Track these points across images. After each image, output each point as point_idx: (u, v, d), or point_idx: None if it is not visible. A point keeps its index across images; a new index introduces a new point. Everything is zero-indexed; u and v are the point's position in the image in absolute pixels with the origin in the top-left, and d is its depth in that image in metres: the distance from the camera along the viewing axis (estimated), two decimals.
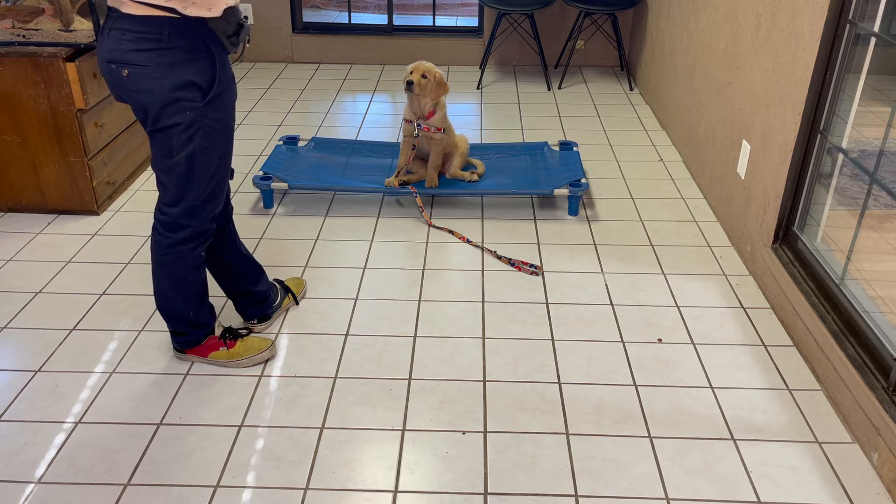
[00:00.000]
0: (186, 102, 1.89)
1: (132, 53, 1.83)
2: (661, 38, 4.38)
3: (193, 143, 1.95)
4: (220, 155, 2.04)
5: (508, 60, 5.40)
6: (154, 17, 1.80)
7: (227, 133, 2.04)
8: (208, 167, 2.01)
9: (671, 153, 3.94)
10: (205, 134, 1.96)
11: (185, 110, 1.90)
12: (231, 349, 2.28)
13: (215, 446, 2.02)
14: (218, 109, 1.97)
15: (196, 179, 2.00)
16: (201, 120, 1.93)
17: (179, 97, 1.87)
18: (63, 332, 2.47)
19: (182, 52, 1.85)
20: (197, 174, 2.00)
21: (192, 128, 1.92)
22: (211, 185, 2.04)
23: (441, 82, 3.20)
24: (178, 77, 1.86)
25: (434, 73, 3.18)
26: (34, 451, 2.00)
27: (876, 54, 2.25)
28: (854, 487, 1.92)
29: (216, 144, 2.01)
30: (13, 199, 3.18)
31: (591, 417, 2.14)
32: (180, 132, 1.92)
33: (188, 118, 1.91)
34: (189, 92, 1.88)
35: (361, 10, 7.13)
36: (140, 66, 1.84)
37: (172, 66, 1.85)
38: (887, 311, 2.15)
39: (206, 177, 2.02)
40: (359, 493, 1.89)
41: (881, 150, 2.21)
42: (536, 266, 2.86)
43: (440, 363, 2.35)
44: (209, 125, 1.96)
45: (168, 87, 1.86)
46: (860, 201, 2.28)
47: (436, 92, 3.21)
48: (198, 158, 1.97)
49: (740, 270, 2.87)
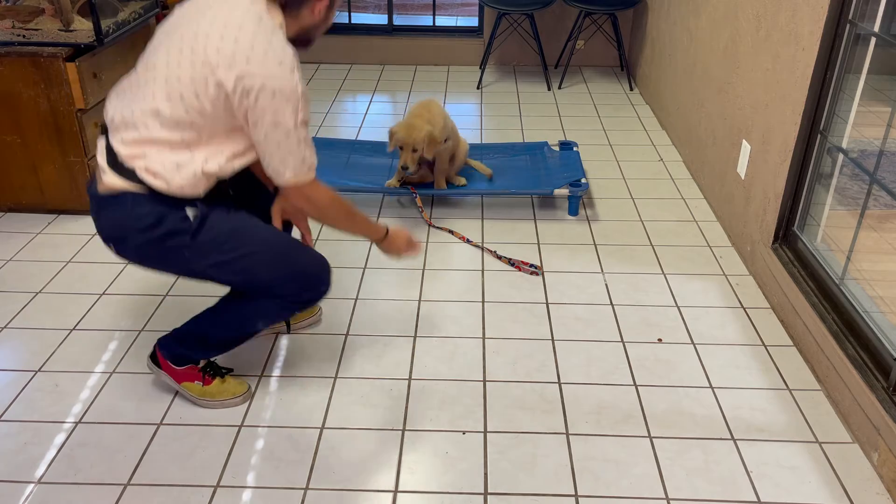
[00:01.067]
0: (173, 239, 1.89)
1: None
2: (661, 38, 4.38)
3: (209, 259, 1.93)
4: (255, 250, 1.96)
5: (508, 60, 5.40)
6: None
7: (243, 231, 1.97)
8: (253, 266, 1.95)
9: (671, 153, 3.94)
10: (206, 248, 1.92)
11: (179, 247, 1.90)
12: (206, 386, 2.15)
13: (215, 446, 2.02)
14: (209, 229, 1.92)
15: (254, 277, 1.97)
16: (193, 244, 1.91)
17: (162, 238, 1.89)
18: (63, 332, 2.47)
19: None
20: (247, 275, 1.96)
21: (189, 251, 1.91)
22: (278, 273, 1.97)
23: (432, 141, 3.04)
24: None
25: (423, 139, 3.02)
26: (34, 451, 2.00)
27: (876, 54, 2.25)
28: (854, 487, 1.92)
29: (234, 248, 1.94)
30: (13, 199, 3.18)
31: (591, 417, 2.14)
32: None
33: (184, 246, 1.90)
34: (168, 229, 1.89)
35: (361, 10, 7.13)
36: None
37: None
38: (887, 311, 2.15)
39: (260, 273, 1.96)
40: (359, 493, 1.89)
41: (881, 150, 2.21)
42: (536, 266, 2.86)
43: (440, 363, 2.35)
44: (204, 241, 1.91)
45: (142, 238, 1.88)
46: (860, 201, 2.28)
47: (431, 149, 3.07)
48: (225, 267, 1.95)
49: (740, 270, 2.87)
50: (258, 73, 1.73)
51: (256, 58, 1.74)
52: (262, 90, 1.74)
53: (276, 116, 1.77)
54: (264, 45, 1.75)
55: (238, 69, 1.73)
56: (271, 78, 1.74)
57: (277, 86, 1.74)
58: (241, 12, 1.80)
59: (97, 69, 3.07)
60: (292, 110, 1.78)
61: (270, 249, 1.96)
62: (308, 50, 2.00)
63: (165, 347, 2.14)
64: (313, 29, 1.95)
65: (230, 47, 1.74)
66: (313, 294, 2.03)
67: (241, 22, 1.78)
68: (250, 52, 1.74)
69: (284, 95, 1.76)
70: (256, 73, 1.73)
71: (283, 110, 1.77)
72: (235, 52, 1.74)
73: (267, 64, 1.74)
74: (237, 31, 1.76)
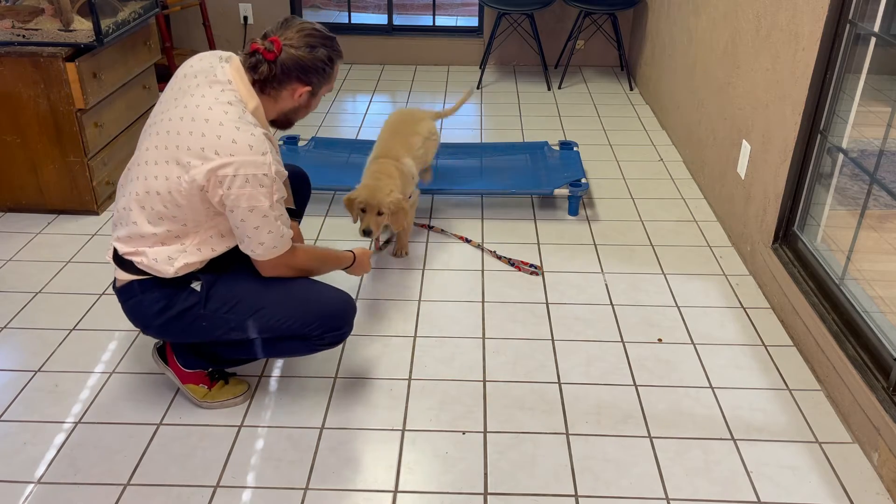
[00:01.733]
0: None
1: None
2: (661, 38, 4.38)
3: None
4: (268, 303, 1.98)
5: (508, 60, 5.40)
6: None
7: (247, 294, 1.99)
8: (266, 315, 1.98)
9: (671, 153, 3.94)
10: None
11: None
12: (211, 390, 2.15)
13: (215, 446, 2.02)
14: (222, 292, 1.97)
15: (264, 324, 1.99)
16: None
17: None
18: (63, 332, 2.47)
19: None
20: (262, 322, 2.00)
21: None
22: (294, 314, 1.99)
23: (398, 209, 2.65)
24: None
25: (388, 205, 2.61)
26: (34, 451, 2.00)
27: (876, 54, 2.25)
28: (854, 487, 1.92)
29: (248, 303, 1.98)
30: (13, 199, 3.18)
31: (591, 417, 2.14)
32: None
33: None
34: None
35: (361, 10, 7.13)
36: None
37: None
38: (887, 311, 2.15)
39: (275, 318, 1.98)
40: (359, 493, 1.89)
41: (881, 150, 2.21)
42: (536, 266, 2.86)
43: (440, 363, 2.35)
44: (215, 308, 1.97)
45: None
46: (860, 201, 2.28)
47: (397, 221, 2.70)
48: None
49: (740, 270, 2.87)
50: (228, 162, 1.76)
51: (225, 148, 1.76)
52: (235, 179, 1.77)
53: (252, 201, 1.80)
54: (232, 132, 1.77)
55: (209, 164, 1.76)
56: (242, 165, 1.76)
57: (249, 172, 1.77)
58: (211, 100, 1.82)
59: (97, 69, 3.07)
60: (266, 193, 1.80)
61: (283, 301, 1.99)
62: (288, 129, 2.06)
63: (180, 353, 2.14)
64: (293, 112, 1.97)
65: (198, 143, 1.77)
66: (336, 335, 2.05)
67: (209, 113, 1.80)
68: (218, 143, 1.76)
69: (257, 180, 1.78)
70: (227, 164, 1.76)
71: (257, 195, 1.79)
72: (204, 147, 1.77)
73: (237, 152, 1.76)
74: (204, 126, 1.78)
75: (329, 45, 1.91)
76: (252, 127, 1.80)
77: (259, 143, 1.78)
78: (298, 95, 1.91)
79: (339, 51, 1.95)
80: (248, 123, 1.80)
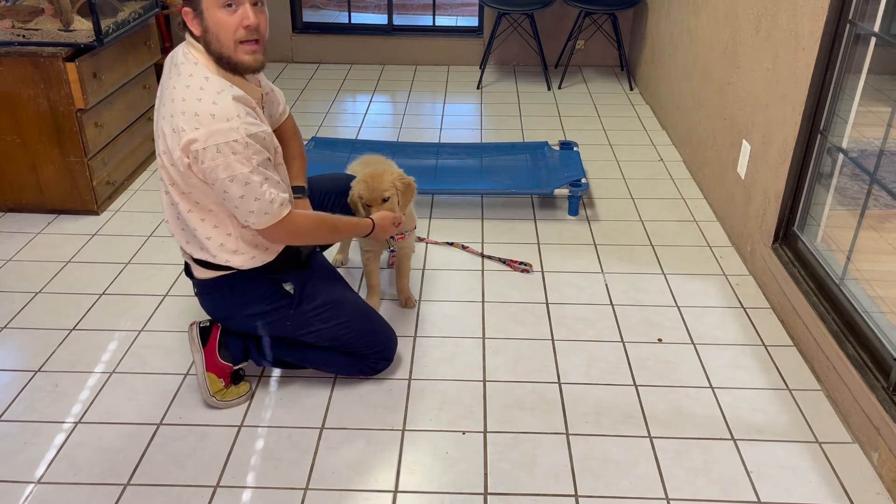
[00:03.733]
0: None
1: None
2: (661, 38, 4.38)
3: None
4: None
5: (508, 60, 5.39)
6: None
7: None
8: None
9: (671, 153, 3.94)
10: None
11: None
12: (226, 388, 2.16)
13: (215, 446, 2.02)
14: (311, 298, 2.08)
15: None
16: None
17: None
18: (63, 332, 2.47)
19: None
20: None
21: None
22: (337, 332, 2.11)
23: (408, 186, 2.38)
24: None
25: (395, 185, 2.34)
26: (34, 451, 2.00)
27: (876, 54, 2.25)
28: (854, 487, 1.92)
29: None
30: (13, 199, 3.18)
31: (591, 417, 2.14)
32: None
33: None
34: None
35: (361, 10, 7.13)
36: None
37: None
38: (887, 311, 2.15)
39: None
40: (359, 493, 1.89)
41: (881, 150, 2.21)
42: (526, 263, 2.86)
43: (440, 363, 2.35)
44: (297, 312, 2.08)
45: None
46: (860, 201, 2.28)
47: (406, 198, 2.40)
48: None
49: (740, 270, 2.87)
50: (195, 137, 1.75)
51: (189, 122, 1.76)
52: (206, 151, 1.76)
53: (228, 171, 1.77)
54: (193, 104, 1.76)
55: (181, 142, 1.77)
56: (210, 136, 1.75)
57: (218, 141, 1.75)
58: (175, 80, 1.82)
59: (97, 69, 3.07)
60: (241, 159, 1.77)
61: (360, 318, 2.15)
62: (252, 70, 1.85)
63: (232, 341, 2.15)
64: (210, 45, 1.80)
65: (169, 125, 1.78)
66: (384, 364, 2.23)
67: (174, 92, 1.80)
68: (183, 119, 1.76)
69: (228, 147, 1.75)
70: (195, 138, 1.76)
71: (232, 163, 1.77)
72: (175, 127, 1.78)
73: (201, 123, 1.75)
74: (171, 105, 1.79)
75: None
76: (215, 94, 1.77)
77: (222, 109, 1.75)
78: (191, 22, 1.80)
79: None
80: (211, 91, 1.77)
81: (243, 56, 1.80)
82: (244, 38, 1.78)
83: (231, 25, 1.76)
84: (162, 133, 1.84)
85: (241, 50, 1.79)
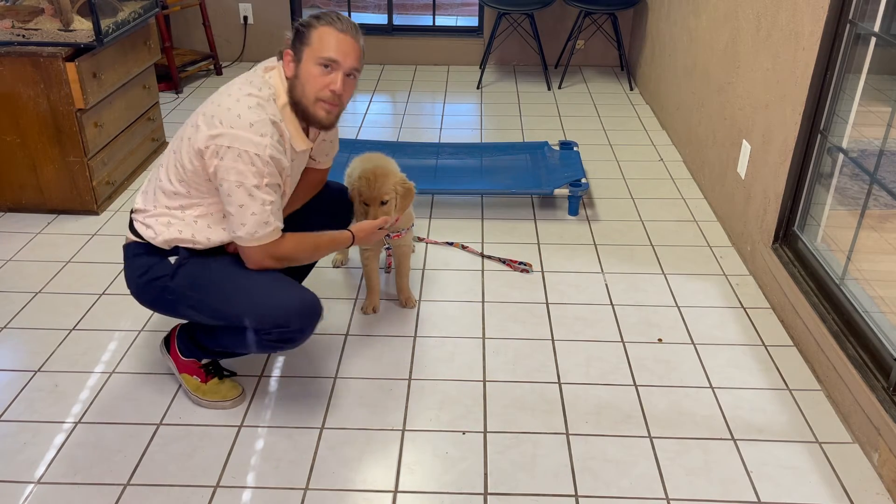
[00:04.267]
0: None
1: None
2: (661, 38, 4.38)
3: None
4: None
5: (508, 60, 5.39)
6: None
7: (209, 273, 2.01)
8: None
9: (671, 153, 3.94)
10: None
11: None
12: (203, 383, 2.15)
13: (215, 446, 2.02)
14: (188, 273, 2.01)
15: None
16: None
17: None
18: (63, 332, 2.47)
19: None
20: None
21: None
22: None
23: (406, 191, 2.36)
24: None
25: (395, 189, 2.33)
26: (34, 451, 2.00)
27: (876, 54, 2.25)
28: (854, 487, 1.92)
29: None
30: (13, 199, 3.18)
31: (591, 417, 2.14)
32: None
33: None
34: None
35: (361, 10, 7.13)
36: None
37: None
38: (887, 311, 2.15)
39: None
40: (359, 494, 1.89)
41: (881, 149, 2.21)
42: (526, 263, 2.86)
43: (440, 363, 2.35)
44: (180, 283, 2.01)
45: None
46: (860, 201, 2.28)
47: (405, 202, 2.38)
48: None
49: (740, 270, 2.87)
50: (225, 133, 1.82)
51: (228, 120, 1.83)
52: (229, 150, 1.82)
53: (240, 177, 1.83)
54: (240, 108, 1.84)
55: (211, 130, 1.84)
56: (238, 139, 1.82)
57: (243, 147, 1.82)
58: (240, 82, 1.93)
59: (97, 69, 3.07)
60: (255, 172, 1.84)
61: (243, 289, 1.96)
62: (322, 126, 1.96)
63: (180, 337, 2.19)
64: (294, 91, 1.90)
65: (212, 111, 1.87)
66: (283, 332, 1.93)
67: (232, 88, 1.91)
68: (225, 114, 1.84)
69: (249, 157, 1.82)
70: (224, 134, 1.82)
71: (245, 171, 1.83)
72: (214, 115, 1.86)
73: (237, 126, 1.82)
74: (222, 98, 1.88)
75: (318, 15, 1.90)
76: (263, 112, 1.85)
77: (262, 125, 1.83)
78: (287, 63, 1.91)
79: (329, 19, 1.88)
80: (261, 108, 1.86)
81: (319, 111, 1.92)
82: (326, 98, 1.89)
83: (320, 84, 1.88)
84: (201, 118, 1.88)
85: (319, 106, 1.91)
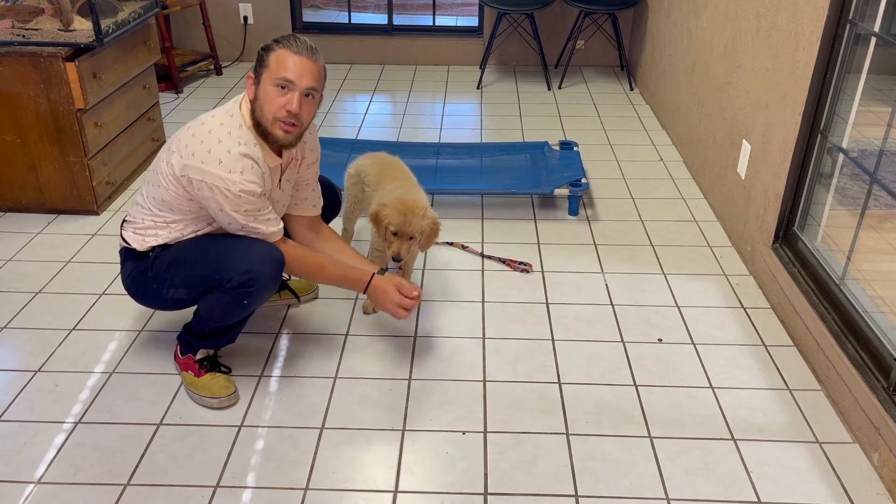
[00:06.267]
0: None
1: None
2: (661, 38, 4.38)
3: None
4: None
5: (508, 60, 5.39)
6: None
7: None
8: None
9: (671, 153, 3.94)
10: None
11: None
12: (197, 378, 2.17)
13: (215, 446, 2.02)
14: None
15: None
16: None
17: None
18: (63, 332, 2.47)
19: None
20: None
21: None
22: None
23: (433, 231, 2.35)
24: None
25: (423, 228, 2.30)
26: (34, 451, 2.00)
27: (876, 54, 2.25)
28: (854, 487, 1.92)
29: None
30: (13, 199, 3.18)
31: (591, 417, 2.14)
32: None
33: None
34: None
35: (361, 10, 7.13)
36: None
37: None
38: (887, 311, 2.15)
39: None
40: (359, 493, 1.89)
41: (881, 150, 2.21)
42: (526, 263, 2.86)
43: (440, 363, 2.35)
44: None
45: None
46: (860, 201, 2.28)
47: (429, 241, 2.38)
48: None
49: (740, 270, 2.87)
50: (198, 167, 1.93)
51: (199, 154, 1.93)
52: (202, 183, 1.93)
53: (220, 205, 1.96)
54: (212, 143, 1.93)
55: (185, 160, 1.94)
56: (209, 175, 1.92)
57: (214, 183, 1.93)
58: (215, 112, 2.01)
59: (97, 69, 3.07)
60: (230, 203, 1.94)
61: (205, 251, 2.07)
62: (281, 145, 1.99)
63: (179, 338, 2.24)
64: (255, 111, 1.95)
65: (186, 139, 1.97)
66: (243, 276, 1.97)
67: (206, 117, 2.00)
68: (198, 147, 1.94)
69: (220, 192, 1.93)
70: (197, 167, 1.93)
71: (221, 202, 1.95)
72: (188, 145, 1.96)
73: (207, 161, 1.92)
74: (199, 126, 1.97)
75: (277, 38, 1.95)
76: (234, 144, 1.93)
77: (232, 160, 1.92)
78: (249, 86, 1.98)
79: (286, 42, 1.92)
80: (233, 139, 1.94)
81: (277, 131, 1.97)
82: (283, 118, 1.94)
83: (277, 104, 1.93)
84: (177, 144, 1.99)
85: (277, 126, 1.96)
